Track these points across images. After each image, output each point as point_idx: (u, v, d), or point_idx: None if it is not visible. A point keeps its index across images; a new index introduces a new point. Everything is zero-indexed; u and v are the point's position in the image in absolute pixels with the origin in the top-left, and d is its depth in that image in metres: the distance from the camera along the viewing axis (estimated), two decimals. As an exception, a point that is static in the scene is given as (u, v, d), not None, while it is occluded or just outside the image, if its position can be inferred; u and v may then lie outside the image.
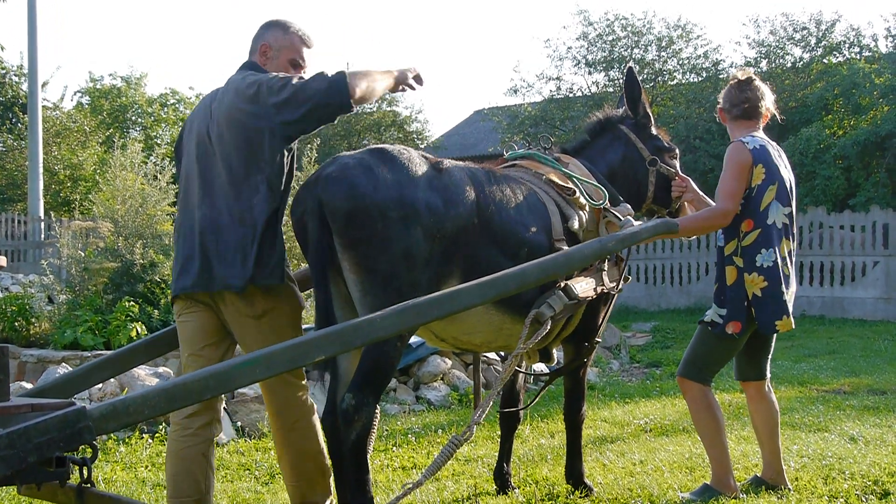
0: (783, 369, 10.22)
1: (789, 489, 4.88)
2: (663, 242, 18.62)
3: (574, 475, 5.04)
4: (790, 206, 4.69)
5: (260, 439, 6.70)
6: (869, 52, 23.48)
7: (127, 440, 6.47)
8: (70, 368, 7.42)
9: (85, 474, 2.61)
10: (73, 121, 27.70)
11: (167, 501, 3.99)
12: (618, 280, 4.66)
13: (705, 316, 4.73)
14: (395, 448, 6.33)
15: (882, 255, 16.22)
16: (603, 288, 4.47)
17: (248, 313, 3.91)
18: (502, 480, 5.10)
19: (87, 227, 10.51)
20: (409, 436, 6.69)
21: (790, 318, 4.61)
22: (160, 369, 7.39)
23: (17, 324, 9.11)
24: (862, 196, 19.30)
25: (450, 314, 3.39)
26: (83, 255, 9.52)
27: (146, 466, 5.87)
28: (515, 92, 28.11)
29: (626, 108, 5.27)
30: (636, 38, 25.85)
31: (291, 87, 3.80)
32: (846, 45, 23.94)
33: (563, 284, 4.18)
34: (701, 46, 25.87)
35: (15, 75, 29.83)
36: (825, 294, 16.69)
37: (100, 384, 6.57)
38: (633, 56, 25.43)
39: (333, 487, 4.11)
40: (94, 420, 2.50)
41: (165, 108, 33.90)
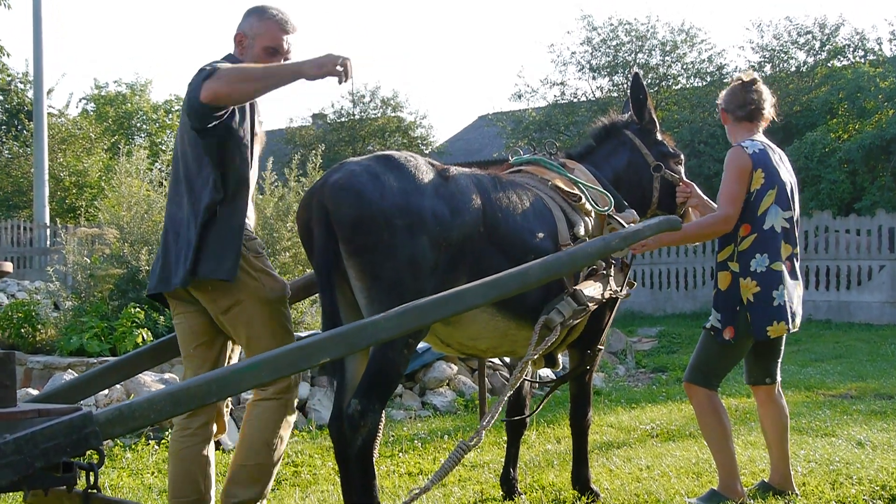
0: (790, 374, 10.19)
1: (797, 494, 4.87)
2: (668, 247, 18.59)
3: (580, 481, 5.02)
4: (791, 209, 4.68)
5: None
6: (873, 56, 23.44)
7: (133, 446, 6.47)
8: (76, 375, 7.43)
9: (91, 480, 2.60)
10: (79, 128, 27.80)
11: (168, 502, 4.01)
12: (623, 285, 4.66)
13: (708, 322, 4.73)
14: (401, 454, 6.32)
15: (888, 258, 16.18)
16: (610, 292, 4.46)
17: (214, 309, 3.92)
18: (509, 486, 5.09)
19: (92, 234, 10.52)
20: (416, 441, 6.68)
21: (782, 324, 4.57)
22: (166, 375, 7.39)
23: (23, 330, 9.12)
24: (867, 200, 19.26)
25: (453, 314, 3.38)
26: (89, 261, 9.54)
27: (152, 472, 5.87)
28: (520, 97, 28.14)
29: (632, 113, 5.27)
30: (640, 43, 25.88)
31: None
32: (850, 49, 23.92)
33: (573, 290, 4.18)
34: (705, 51, 25.92)
35: (20, 82, 29.98)
36: (831, 298, 16.65)
37: (106, 390, 6.57)
38: (637, 61, 25.44)
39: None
40: (100, 425, 2.49)
41: (170, 115, 34.00)
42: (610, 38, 26.06)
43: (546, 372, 8.33)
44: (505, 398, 3.84)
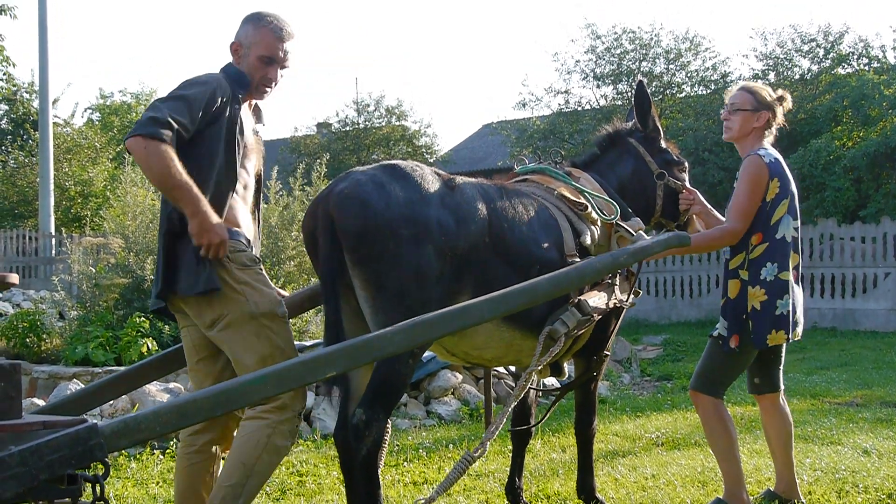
0: (795, 382, 10.18)
1: (802, 503, 4.86)
2: (673, 255, 18.56)
3: (586, 490, 5.01)
4: (798, 219, 4.68)
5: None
6: (878, 64, 23.42)
7: (138, 456, 6.47)
8: (81, 384, 7.44)
9: (97, 491, 2.60)
10: (84, 137, 27.83)
11: None
12: (629, 293, 4.65)
13: (714, 330, 4.71)
14: (406, 463, 6.31)
15: (893, 266, 16.16)
16: (615, 302, 4.46)
17: (201, 324, 3.81)
18: (514, 495, 5.08)
19: (97, 243, 10.56)
20: (420, 451, 6.68)
21: (782, 332, 4.56)
22: (171, 385, 7.40)
23: (28, 340, 9.14)
24: (872, 207, 19.24)
25: (460, 329, 3.38)
26: (94, 271, 9.56)
27: (157, 483, 5.87)
28: (524, 105, 28.16)
29: (636, 121, 5.27)
30: (644, 52, 25.90)
31: None
32: (855, 57, 23.90)
33: (577, 300, 4.17)
34: (709, 59, 25.93)
35: (26, 92, 30.06)
36: (836, 306, 16.63)
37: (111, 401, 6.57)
38: (641, 69, 25.47)
39: None
40: (105, 437, 2.49)
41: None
42: (614, 47, 26.09)
43: (551, 381, 8.32)
44: (510, 408, 3.84)
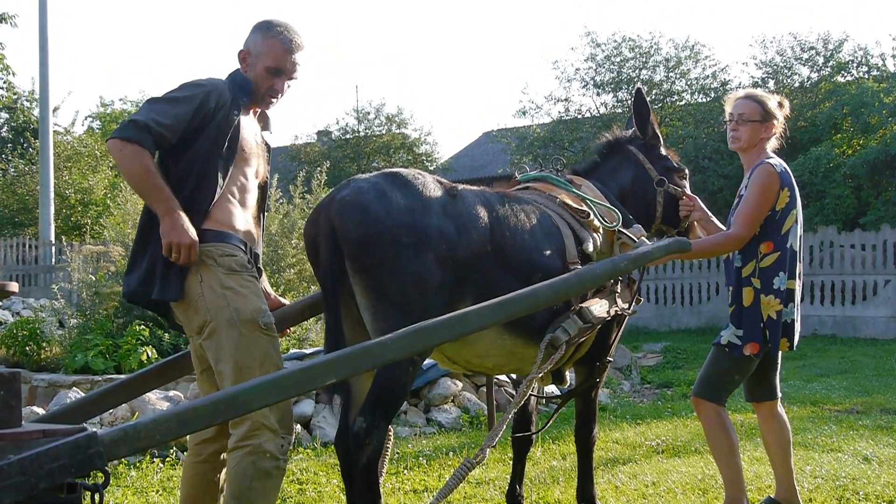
0: (795, 389, 10.17)
1: (803, 510, 4.85)
2: (673, 262, 18.58)
3: (586, 497, 5.00)
4: (801, 228, 4.69)
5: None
6: (877, 72, 23.43)
7: (138, 464, 6.46)
8: (81, 392, 7.44)
9: (97, 500, 2.60)
10: (84, 145, 27.86)
11: None
12: (630, 301, 4.65)
13: (720, 338, 4.68)
14: (406, 471, 6.31)
15: (893, 273, 16.16)
16: (616, 310, 4.45)
17: (189, 332, 3.78)
18: (514, 503, 5.08)
19: (97, 252, 10.57)
20: (421, 458, 6.67)
21: (785, 340, 4.57)
22: (170, 393, 7.40)
23: (28, 348, 9.15)
24: (872, 215, 19.25)
25: (461, 336, 3.37)
26: (94, 279, 9.57)
27: (157, 491, 5.86)
28: (524, 113, 28.21)
29: (636, 128, 5.28)
30: (644, 60, 25.93)
31: None
32: (854, 65, 23.92)
33: (578, 308, 4.16)
34: (709, 67, 25.94)
35: (26, 101, 30.11)
36: (836, 313, 16.63)
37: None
38: (641, 77, 25.50)
39: None
40: (105, 446, 2.49)
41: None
42: (614, 55, 26.12)
43: (551, 388, 8.31)
44: (509, 415, 3.83)
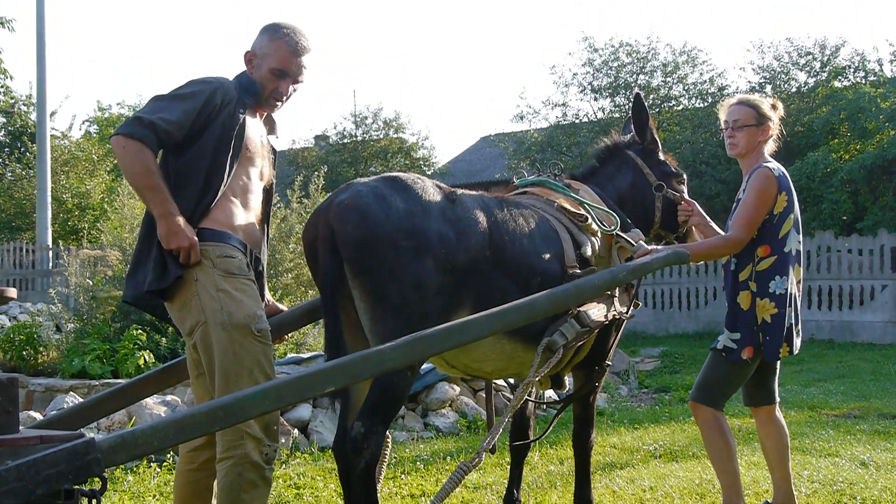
0: (793, 394, 10.18)
1: (801, 515, 4.85)
2: (671, 267, 18.57)
3: (583, 502, 5.00)
4: (800, 233, 4.69)
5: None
6: (874, 77, 23.51)
7: (135, 469, 6.45)
8: (78, 397, 7.43)
9: (94, 506, 2.59)
10: (81, 150, 27.88)
11: None
12: (628, 305, 4.65)
13: (717, 342, 4.69)
14: (403, 475, 6.30)
15: (890, 278, 16.19)
16: (614, 314, 4.45)
17: (183, 333, 3.76)
18: (512, 508, 5.07)
19: (95, 256, 10.56)
20: (418, 463, 6.66)
21: (786, 346, 4.57)
22: (168, 397, 7.38)
23: (25, 353, 9.13)
24: (869, 220, 19.29)
25: (459, 345, 3.37)
26: (91, 283, 9.56)
27: (154, 496, 5.85)
28: (522, 118, 28.25)
29: (634, 133, 5.28)
30: (641, 64, 25.98)
31: None
32: (851, 70, 23.99)
33: (576, 312, 4.16)
34: (706, 72, 26.00)
35: (24, 105, 30.10)
36: (834, 318, 16.64)
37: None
38: (638, 82, 25.53)
39: None
40: (102, 452, 2.49)
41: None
42: (611, 60, 26.17)
43: (549, 393, 8.31)
44: (506, 419, 3.83)
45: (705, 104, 25.08)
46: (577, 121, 27.16)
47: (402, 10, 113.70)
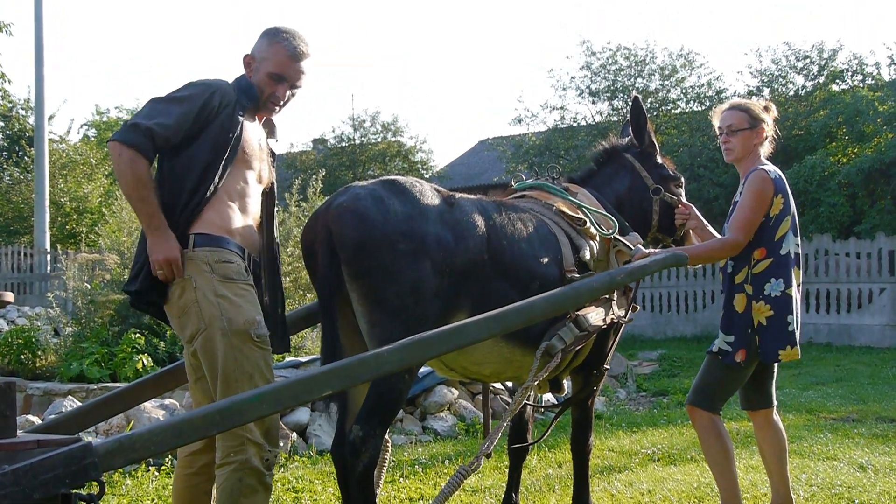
0: (791, 397, 10.17)
1: (799, 519, 4.84)
2: (669, 270, 18.57)
3: (582, 505, 5.00)
4: (798, 235, 4.68)
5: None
6: (872, 80, 23.50)
7: (133, 473, 6.44)
8: (76, 401, 7.42)
9: (92, 511, 2.59)
10: (79, 153, 27.86)
11: None
12: (626, 309, 4.65)
13: (713, 346, 4.68)
14: (401, 479, 6.30)
15: (888, 281, 16.18)
16: (613, 317, 4.45)
17: (183, 340, 3.74)
18: (510, 511, 5.07)
19: (93, 260, 10.54)
20: (416, 466, 6.66)
21: (796, 349, 4.56)
22: (166, 401, 7.37)
23: (23, 356, 9.13)
24: (867, 223, 19.28)
25: (457, 349, 3.37)
26: (89, 287, 9.55)
27: (152, 500, 5.84)
28: (520, 121, 28.23)
29: (632, 136, 5.28)
30: (639, 68, 26.00)
31: None
32: (849, 74, 23.98)
33: (574, 316, 4.16)
34: (704, 75, 26.03)
35: (22, 109, 30.11)
36: (832, 321, 16.63)
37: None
38: (636, 85, 25.54)
39: None
40: (99, 456, 2.48)
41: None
42: (609, 63, 26.19)
43: (547, 396, 8.31)
44: (505, 423, 3.83)
45: (703, 108, 25.08)
46: (575, 124, 27.16)
47: (400, 13, 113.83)
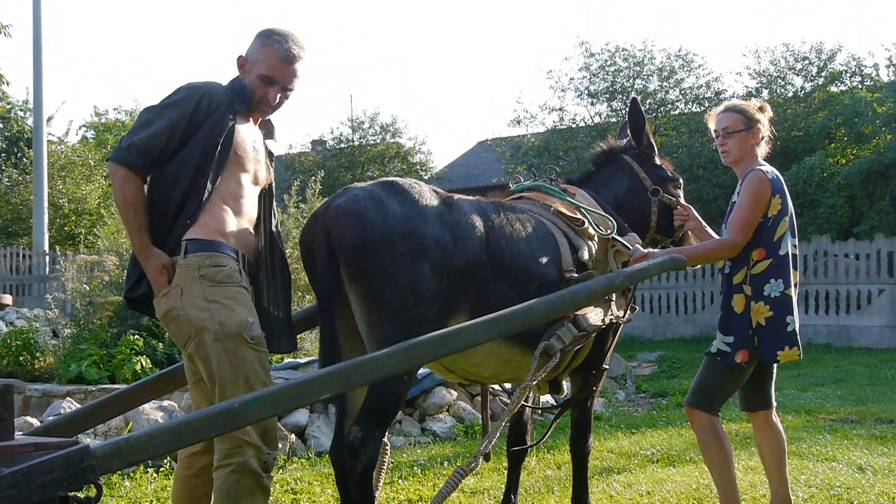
0: (790, 398, 10.17)
1: (798, 520, 4.84)
2: (668, 272, 18.54)
3: (580, 507, 5.00)
4: (795, 236, 4.68)
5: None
6: (870, 82, 23.50)
7: (132, 475, 6.43)
8: (74, 403, 7.41)
9: (90, 513, 2.58)
10: (78, 155, 27.84)
11: None
12: (625, 309, 4.64)
13: (711, 347, 4.68)
14: (400, 480, 6.29)
15: (887, 282, 16.19)
16: (611, 318, 4.45)
17: (179, 345, 3.73)
18: (509, 513, 5.07)
19: (91, 261, 10.54)
20: (415, 468, 6.65)
21: (796, 349, 4.55)
22: (165, 403, 7.36)
23: (21, 358, 9.12)
24: (866, 224, 19.30)
25: (455, 351, 3.37)
26: (88, 288, 9.54)
27: (150, 501, 5.83)
28: (518, 123, 28.24)
29: (630, 138, 5.28)
30: (638, 69, 26.00)
31: None
32: (847, 75, 23.99)
33: (573, 316, 4.16)
34: (703, 76, 26.03)
35: (20, 110, 30.09)
36: (831, 322, 16.63)
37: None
38: (634, 87, 25.55)
39: None
40: (97, 459, 2.48)
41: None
42: (608, 65, 26.20)
43: (546, 398, 8.30)
44: (503, 423, 3.83)
45: (702, 109, 25.08)
46: (573, 125, 27.18)
47: (399, 14, 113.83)
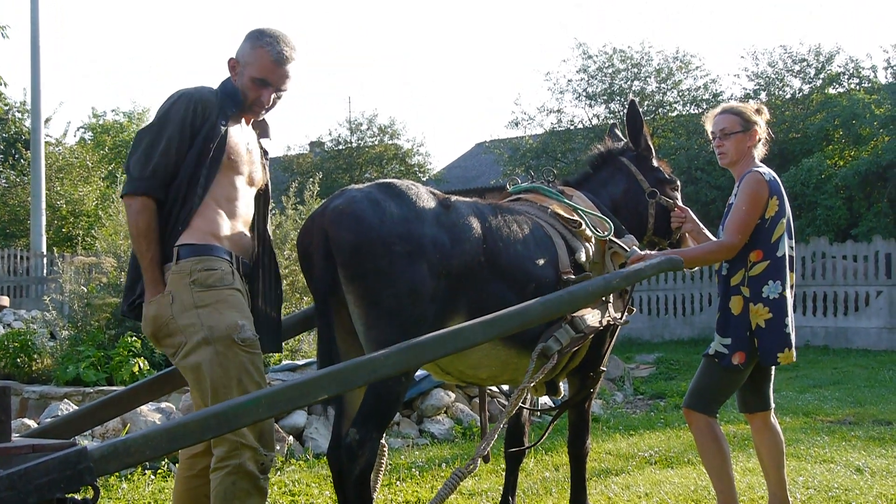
0: (788, 400, 10.17)
1: (796, 522, 4.83)
2: (666, 273, 18.53)
3: (579, 508, 4.99)
4: (792, 238, 4.69)
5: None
6: (868, 83, 23.50)
7: (129, 476, 6.43)
8: (72, 404, 7.41)
9: (87, 515, 2.58)
10: (76, 156, 27.80)
11: None
12: (623, 311, 4.64)
13: (709, 349, 4.68)
14: (398, 482, 6.29)
15: (885, 284, 16.19)
16: (609, 319, 4.45)
17: (169, 355, 3.71)
18: (507, 514, 5.06)
19: (89, 263, 10.52)
20: (413, 470, 6.65)
21: (792, 351, 4.56)
22: (162, 404, 7.36)
23: (19, 360, 9.10)
24: (864, 226, 19.30)
25: (453, 353, 3.37)
26: (86, 290, 9.53)
27: (148, 503, 5.83)
28: (516, 124, 28.24)
29: (628, 140, 5.29)
30: (636, 71, 26.01)
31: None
32: (846, 77, 23.99)
33: (570, 317, 4.16)
34: (700, 78, 26.03)
35: (18, 111, 30.05)
36: (829, 324, 16.63)
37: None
38: (632, 88, 25.55)
39: None
40: (94, 461, 2.48)
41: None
42: (605, 66, 26.20)
43: (544, 399, 8.30)
44: (500, 425, 3.82)
45: (699, 111, 25.08)
46: (571, 127, 27.17)
47: (398, 15, 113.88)
